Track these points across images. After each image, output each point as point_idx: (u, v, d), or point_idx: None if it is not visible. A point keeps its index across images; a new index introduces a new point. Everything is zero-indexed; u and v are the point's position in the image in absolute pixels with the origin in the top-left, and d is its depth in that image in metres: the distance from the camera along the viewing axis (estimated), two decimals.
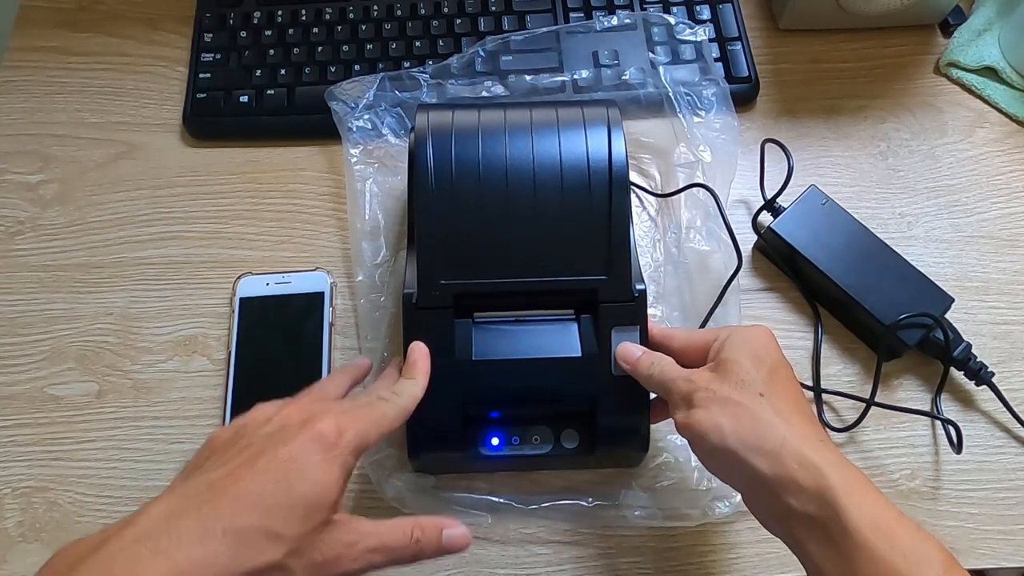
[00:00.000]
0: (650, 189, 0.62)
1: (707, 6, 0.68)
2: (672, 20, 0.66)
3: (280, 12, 0.68)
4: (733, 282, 0.57)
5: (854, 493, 0.36)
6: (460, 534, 0.39)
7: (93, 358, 0.57)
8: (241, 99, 0.65)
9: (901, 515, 0.37)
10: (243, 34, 0.67)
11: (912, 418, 0.56)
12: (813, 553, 0.37)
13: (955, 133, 0.66)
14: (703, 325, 0.56)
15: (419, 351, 0.46)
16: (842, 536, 0.35)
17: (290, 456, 0.35)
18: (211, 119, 0.65)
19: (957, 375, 0.57)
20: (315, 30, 0.67)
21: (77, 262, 0.61)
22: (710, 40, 0.66)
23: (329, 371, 0.56)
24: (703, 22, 0.67)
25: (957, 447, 0.53)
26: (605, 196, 0.49)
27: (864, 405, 0.54)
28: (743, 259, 0.57)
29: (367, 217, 0.60)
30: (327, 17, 0.68)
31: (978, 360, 0.55)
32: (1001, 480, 0.54)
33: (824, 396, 0.56)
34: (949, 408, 0.56)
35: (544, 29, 0.65)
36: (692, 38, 0.65)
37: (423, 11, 0.68)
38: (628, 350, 0.47)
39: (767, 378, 0.42)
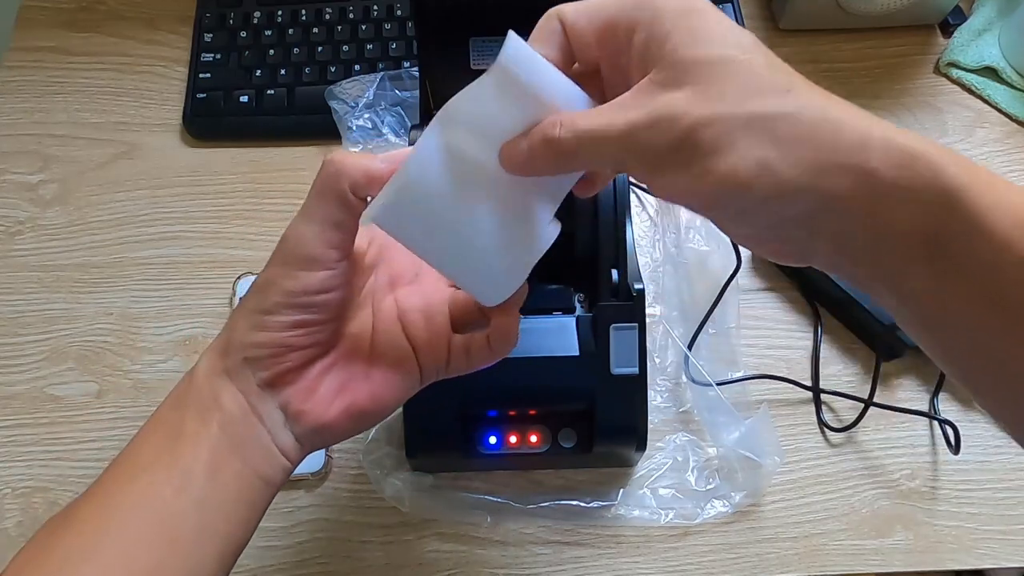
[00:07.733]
0: None
1: None
2: None
3: (280, 12, 0.68)
4: (732, 282, 0.57)
5: (981, 182, 0.26)
6: None
7: (93, 358, 0.57)
8: (241, 99, 0.65)
9: None
10: (243, 34, 0.67)
11: (912, 418, 0.55)
12: (920, 284, 0.27)
13: (955, 133, 0.66)
14: (702, 325, 0.56)
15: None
16: (975, 246, 0.26)
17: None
18: (211, 119, 0.65)
19: None
20: (315, 30, 0.67)
21: (77, 262, 0.61)
22: None
23: None
24: None
25: (955, 448, 0.53)
26: None
27: (863, 405, 0.54)
28: (742, 259, 0.57)
29: None
30: (327, 17, 0.68)
31: None
32: (1001, 480, 0.54)
33: (823, 396, 0.56)
34: (950, 408, 0.56)
35: None
36: None
37: None
38: (513, 145, 0.31)
39: (769, 57, 0.28)
